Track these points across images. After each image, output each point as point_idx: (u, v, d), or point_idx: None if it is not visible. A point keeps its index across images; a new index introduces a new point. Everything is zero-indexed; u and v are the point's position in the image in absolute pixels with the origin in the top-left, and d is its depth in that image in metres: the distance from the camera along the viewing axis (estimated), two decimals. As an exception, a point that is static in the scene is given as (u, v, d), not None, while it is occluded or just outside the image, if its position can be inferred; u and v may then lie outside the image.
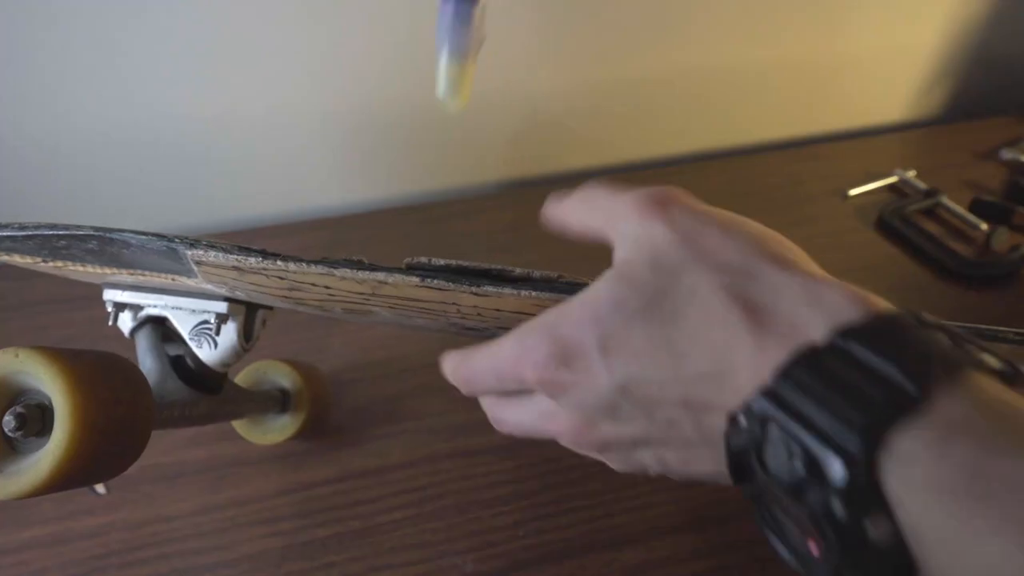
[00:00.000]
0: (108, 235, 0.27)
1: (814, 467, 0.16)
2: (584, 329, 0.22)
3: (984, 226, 0.59)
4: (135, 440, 0.26)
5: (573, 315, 0.23)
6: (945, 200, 0.62)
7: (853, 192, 0.65)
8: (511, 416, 0.26)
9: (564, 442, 0.25)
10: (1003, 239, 0.57)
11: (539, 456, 0.44)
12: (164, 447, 0.45)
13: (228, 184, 0.67)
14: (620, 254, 0.23)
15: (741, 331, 0.20)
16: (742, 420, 0.18)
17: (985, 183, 0.66)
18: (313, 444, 0.45)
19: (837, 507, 0.15)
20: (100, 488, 0.39)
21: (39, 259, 0.30)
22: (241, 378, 0.43)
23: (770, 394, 0.17)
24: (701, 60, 0.68)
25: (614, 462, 0.25)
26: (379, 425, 0.46)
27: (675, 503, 0.40)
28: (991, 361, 0.17)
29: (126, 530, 0.41)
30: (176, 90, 0.59)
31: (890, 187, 0.66)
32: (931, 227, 0.61)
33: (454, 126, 0.66)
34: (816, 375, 0.17)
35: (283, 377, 0.43)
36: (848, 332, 0.17)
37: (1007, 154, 0.68)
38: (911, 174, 0.66)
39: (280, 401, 0.43)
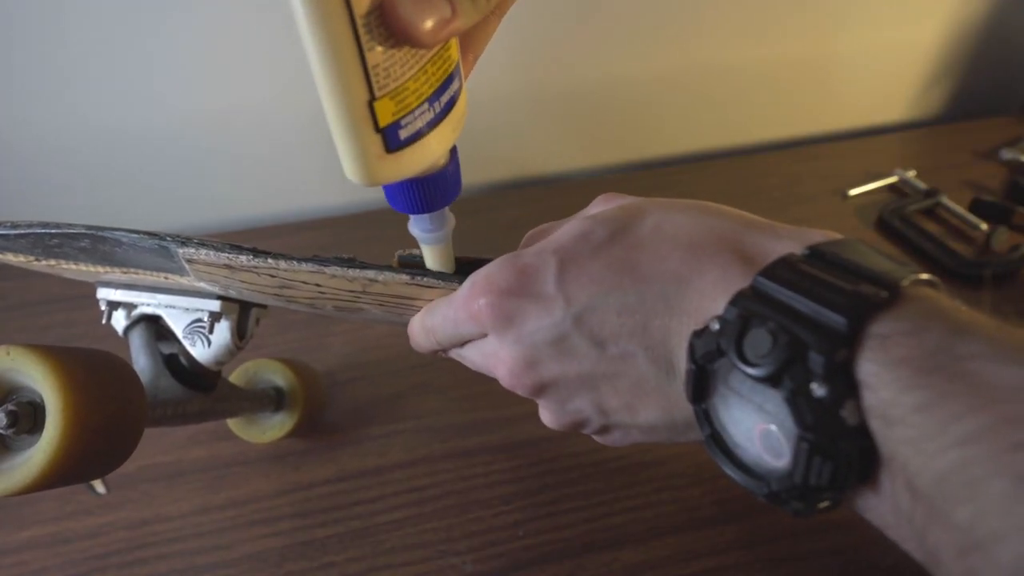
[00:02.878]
0: (100, 233, 0.27)
1: (797, 349, 0.16)
2: (545, 256, 0.23)
3: (984, 226, 0.59)
4: (127, 437, 0.26)
5: (537, 246, 0.23)
6: (945, 200, 0.62)
7: (853, 192, 0.65)
8: (467, 353, 0.26)
9: (504, 381, 0.24)
10: (1003, 239, 0.57)
11: (539, 456, 0.44)
12: (164, 447, 0.45)
13: (228, 184, 0.67)
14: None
15: (710, 252, 0.21)
16: (714, 325, 0.19)
17: (985, 183, 0.66)
18: (312, 444, 0.45)
19: (817, 387, 0.16)
20: (100, 488, 0.39)
21: (32, 258, 0.30)
22: (235, 377, 0.43)
23: (752, 292, 0.18)
24: (701, 59, 0.68)
25: (550, 409, 0.25)
26: (379, 424, 0.46)
27: (675, 503, 0.40)
28: (924, 275, 0.18)
29: (126, 530, 0.41)
30: (175, 90, 0.59)
31: (890, 187, 0.66)
32: (931, 227, 0.61)
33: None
34: (797, 273, 0.18)
35: (277, 376, 0.43)
36: (819, 245, 0.19)
37: (1007, 154, 0.68)
38: (911, 174, 0.66)
39: (274, 400, 0.43)
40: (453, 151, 0.23)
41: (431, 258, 0.26)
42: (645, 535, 0.39)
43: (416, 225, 0.25)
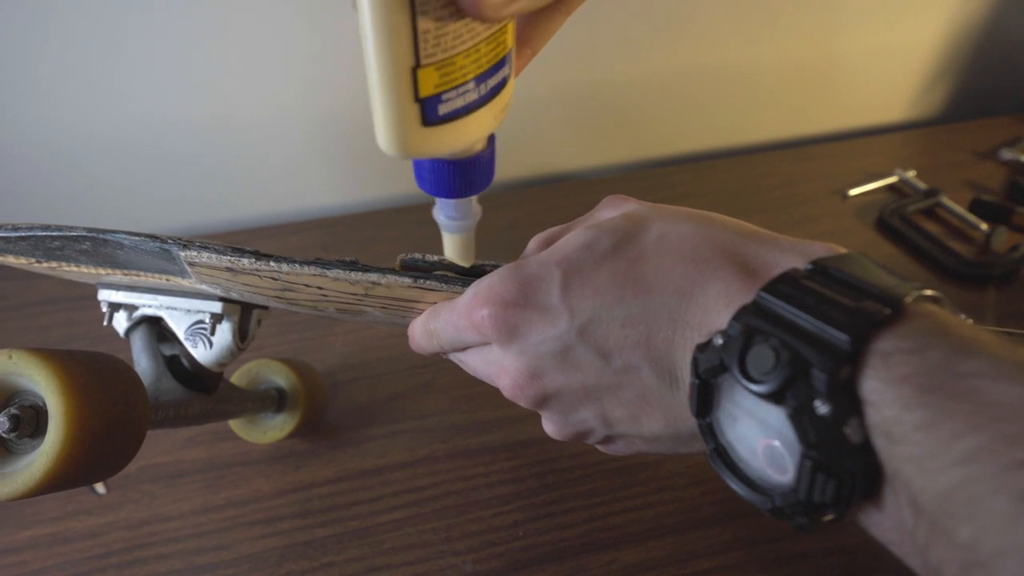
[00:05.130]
0: (101, 236, 0.27)
1: (800, 366, 0.16)
2: (549, 267, 0.22)
3: (984, 226, 0.59)
4: (130, 440, 0.26)
5: (541, 257, 0.23)
6: (945, 200, 0.62)
7: (853, 192, 0.65)
8: (468, 359, 0.26)
9: (506, 392, 0.24)
10: (1003, 239, 0.57)
11: (539, 456, 0.44)
12: (164, 447, 0.45)
13: (227, 186, 0.67)
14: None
15: (714, 265, 0.20)
16: (717, 340, 0.18)
17: (985, 183, 0.66)
18: (313, 444, 0.45)
19: (820, 405, 0.16)
20: (100, 488, 0.39)
21: (33, 260, 0.30)
22: (237, 377, 0.43)
23: (755, 308, 0.18)
24: (700, 60, 0.68)
25: (553, 420, 0.25)
26: (379, 425, 0.46)
27: (675, 503, 0.40)
28: (928, 291, 0.18)
29: (126, 530, 0.41)
30: (174, 93, 0.59)
31: (890, 187, 0.66)
32: (931, 227, 0.61)
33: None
34: (799, 289, 0.18)
35: (279, 376, 0.43)
36: (822, 260, 0.19)
37: (1007, 154, 0.68)
38: (911, 174, 0.66)
39: (276, 400, 0.43)
40: (491, 140, 0.22)
41: (451, 248, 0.26)
42: (644, 535, 0.39)
43: (442, 211, 0.24)
